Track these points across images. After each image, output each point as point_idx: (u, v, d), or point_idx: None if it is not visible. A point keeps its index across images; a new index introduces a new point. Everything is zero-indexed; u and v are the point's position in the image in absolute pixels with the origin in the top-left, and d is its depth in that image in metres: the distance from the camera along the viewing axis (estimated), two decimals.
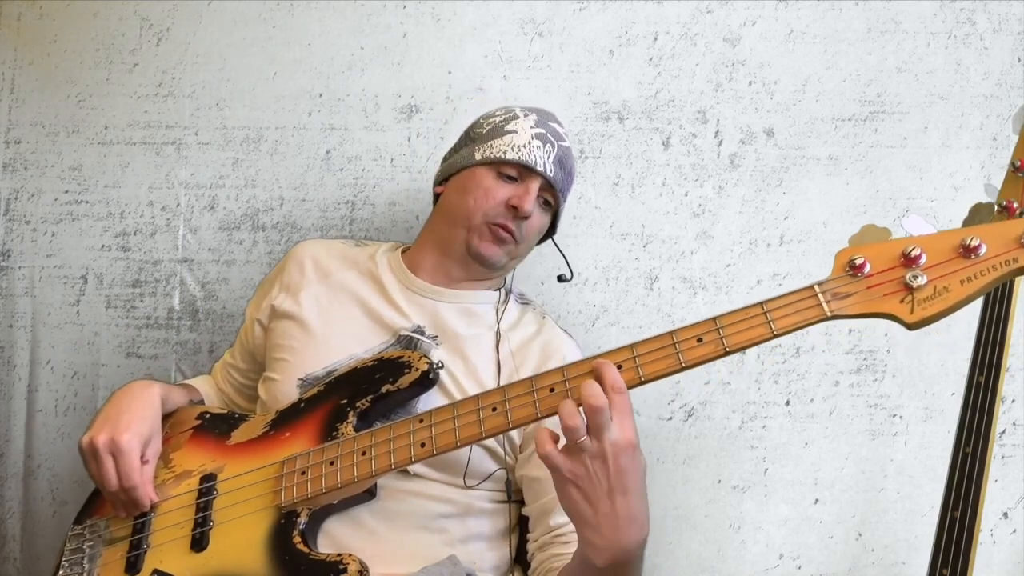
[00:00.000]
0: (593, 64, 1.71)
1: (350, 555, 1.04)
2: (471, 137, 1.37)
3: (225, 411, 1.28)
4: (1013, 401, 1.61)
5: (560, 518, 1.15)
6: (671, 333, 0.92)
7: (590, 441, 0.88)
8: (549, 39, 1.71)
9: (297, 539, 1.06)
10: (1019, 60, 1.67)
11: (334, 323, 1.28)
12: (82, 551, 1.17)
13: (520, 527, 1.27)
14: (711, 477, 1.63)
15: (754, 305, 0.91)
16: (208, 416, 1.26)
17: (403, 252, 1.39)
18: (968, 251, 0.85)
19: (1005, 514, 1.60)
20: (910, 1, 1.68)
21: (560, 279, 1.49)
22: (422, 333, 1.26)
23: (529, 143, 1.30)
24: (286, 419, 1.19)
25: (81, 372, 1.72)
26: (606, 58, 1.71)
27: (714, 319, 0.91)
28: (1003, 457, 1.60)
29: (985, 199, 1.20)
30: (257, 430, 1.19)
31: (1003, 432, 1.60)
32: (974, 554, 1.14)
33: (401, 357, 1.18)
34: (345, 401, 1.16)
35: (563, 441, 0.90)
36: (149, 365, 1.71)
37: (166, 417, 1.27)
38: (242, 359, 1.42)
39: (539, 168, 1.29)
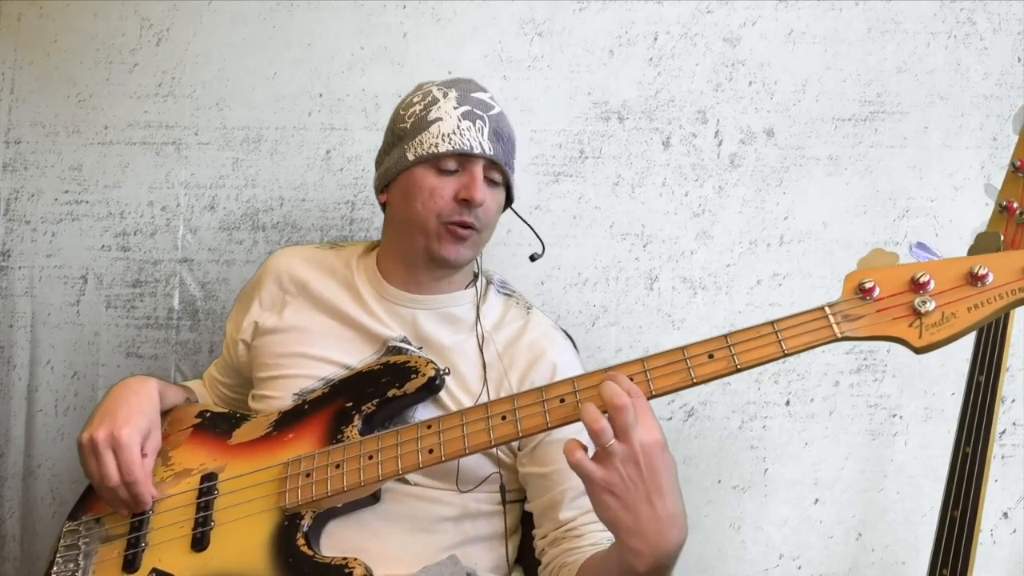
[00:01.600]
0: (593, 64, 1.70)
1: (355, 559, 1.03)
2: (397, 135, 1.27)
3: (226, 410, 1.28)
4: (1013, 401, 1.61)
5: (569, 512, 1.15)
6: (681, 349, 0.94)
7: (619, 444, 0.88)
8: (549, 39, 1.71)
9: (301, 541, 1.05)
10: (1019, 60, 1.67)
11: (322, 336, 1.26)
12: (77, 547, 1.17)
13: (521, 527, 1.27)
14: (711, 477, 1.63)
15: (765, 324, 0.92)
16: (209, 415, 1.25)
17: (378, 255, 1.34)
18: (976, 279, 0.87)
19: (1005, 514, 1.60)
20: (910, 1, 1.68)
21: (532, 258, 1.39)
22: (408, 344, 1.24)
23: (458, 127, 1.21)
24: (289, 421, 1.18)
25: (81, 372, 1.72)
26: (606, 58, 1.71)
27: (725, 336, 0.93)
28: (1003, 457, 1.60)
29: (986, 200, 1.20)
30: (259, 431, 1.19)
31: (1003, 432, 1.60)
32: (974, 554, 1.14)
33: (408, 362, 1.17)
34: (350, 404, 1.15)
35: (592, 449, 0.90)
36: (149, 365, 1.71)
37: (164, 414, 1.26)
38: (227, 375, 1.41)
39: (476, 151, 1.20)
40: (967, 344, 1.21)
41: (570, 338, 1.37)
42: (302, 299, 1.30)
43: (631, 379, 0.93)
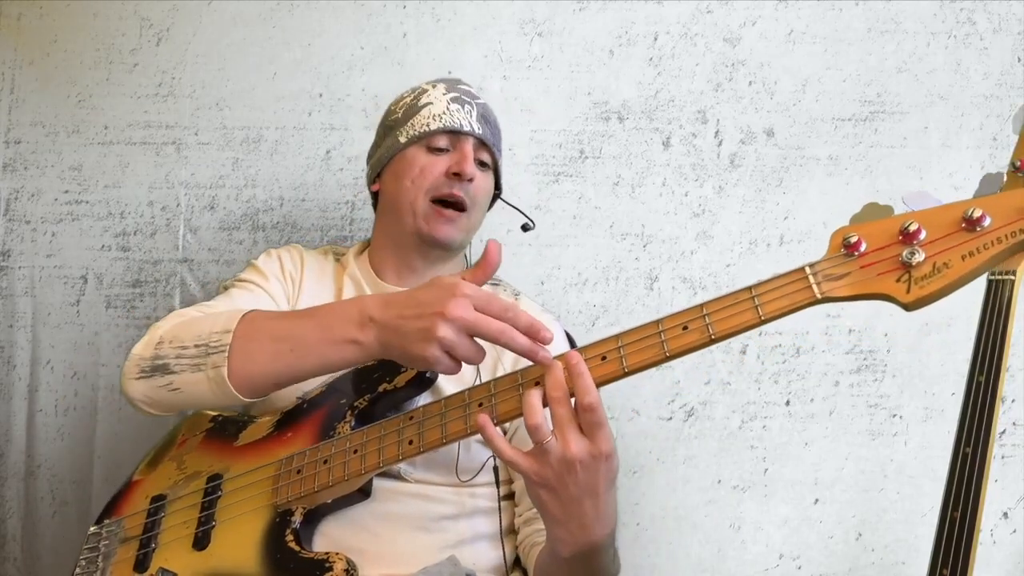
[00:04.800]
0: (593, 64, 1.70)
1: (338, 554, 1.04)
2: (388, 126, 1.34)
3: (235, 414, 1.29)
4: (1013, 401, 1.61)
5: None
6: (657, 322, 0.89)
7: (555, 442, 0.87)
8: (549, 39, 1.71)
9: (290, 538, 1.06)
10: (1019, 60, 1.67)
11: None
12: (98, 549, 1.19)
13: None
14: (711, 477, 1.63)
15: (742, 290, 0.86)
16: (220, 419, 1.27)
17: (369, 252, 1.37)
18: (971, 223, 0.78)
19: (1005, 514, 1.60)
20: (910, 1, 1.68)
21: (524, 228, 1.43)
22: None
23: (448, 108, 1.28)
24: (289, 420, 1.19)
25: (81, 372, 1.72)
26: (606, 58, 1.70)
27: (701, 305, 0.87)
28: (1003, 457, 1.60)
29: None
30: (262, 431, 1.20)
31: (1003, 432, 1.60)
32: (974, 554, 1.14)
33: None
34: (344, 401, 1.16)
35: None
36: None
37: (184, 421, 1.28)
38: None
39: (466, 129, 1.27)
40: (967, 344, 1.21)
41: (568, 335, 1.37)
42: (306, 296, 1.31)
43: (605, 356, 0.90)
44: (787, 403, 1.63)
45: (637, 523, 1.62)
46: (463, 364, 0.95)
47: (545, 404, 0.89)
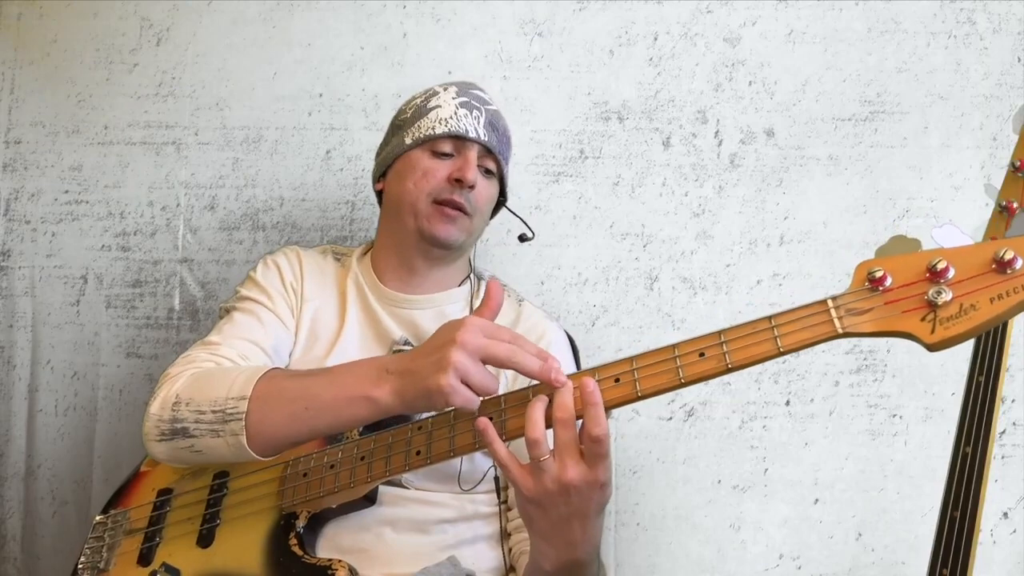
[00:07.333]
0: (593, 64, 1.70)
1: (340, 561, 1.03)
2: (397, 126, 1.34)
3: None
4: (1013, 401, 1.61)
5: None
6: (674, 346, 0.87)
7: (552, 463, 0.85)
8: (549, 39, 1.71)
9: (293, 541, 1.06)
10: (1019, 60, 1.67)
11: (332, 344, 1.26)
12: (103, 540, 1.19)
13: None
14: (711, 477, 1.63)
15: (762, 319, 0.84)
16: None
17: (372, 254, 1.36)
18: (1002, 265, 0.76)
19: (1005, 514, 1.60)
20: (910, 1, 1.68)
21: (521, 239, 1.43)
22: (411, 344, 1.25)
23: (455, 113, 1.27)
24: None
25: (81, 372, 1.72)
26: (606, 58, 1.71)
27: (719, 332, 0.85)
28: (1003, 457, 1.60)
29: (986, 200, 1.20)
30: None
31: (1003, 432, 1.60)
32: (974, 554, 1.14)
33: None
34: None
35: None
36: (149, 365, 1.71)
37: None
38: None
39: (472, 135, 1.26)
40: (967, 344, 1.21)
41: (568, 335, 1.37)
42: (307, 309, 1.30)
43: (618, 379, 0.88)
44: (787, 403, 1.63)
45: (637, 523, 1.62)
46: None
47: (549, 424, 0.87)
